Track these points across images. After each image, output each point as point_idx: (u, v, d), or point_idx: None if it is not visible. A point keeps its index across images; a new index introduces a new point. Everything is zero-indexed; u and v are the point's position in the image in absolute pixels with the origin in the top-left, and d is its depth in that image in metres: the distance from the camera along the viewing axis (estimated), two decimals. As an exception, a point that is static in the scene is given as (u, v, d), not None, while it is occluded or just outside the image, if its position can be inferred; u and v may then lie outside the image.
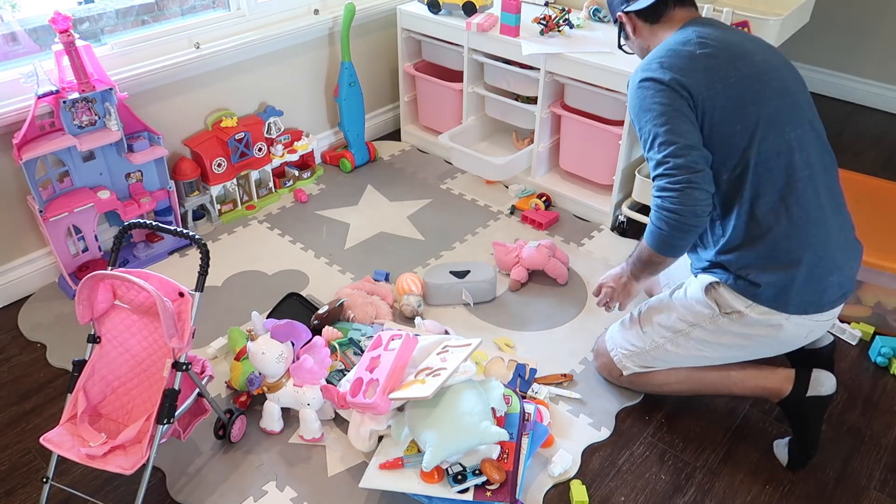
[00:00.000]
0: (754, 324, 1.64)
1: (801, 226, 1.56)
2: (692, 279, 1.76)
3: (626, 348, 1.87)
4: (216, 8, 2.65)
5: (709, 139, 1.56)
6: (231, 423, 1.79)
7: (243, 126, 2.63)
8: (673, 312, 1.76)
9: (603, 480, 1.75)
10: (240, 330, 2.08)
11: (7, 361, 2.09)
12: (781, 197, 1.55)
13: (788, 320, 1.61)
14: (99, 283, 1.56)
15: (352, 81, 2.90)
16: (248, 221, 2.72)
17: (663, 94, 1.56)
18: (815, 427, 1.73)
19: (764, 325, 1.64)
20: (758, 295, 1.60)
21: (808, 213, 1.56)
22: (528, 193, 2.85)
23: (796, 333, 1.66)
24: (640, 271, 1.75)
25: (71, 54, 2.04)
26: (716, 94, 1.55)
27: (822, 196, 1.58)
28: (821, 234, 1.58)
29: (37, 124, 2.10)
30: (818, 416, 1.73)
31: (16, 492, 1.72)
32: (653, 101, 1.57)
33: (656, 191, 1.57)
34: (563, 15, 2.63)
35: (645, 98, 1.59)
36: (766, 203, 1.56)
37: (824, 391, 1.70)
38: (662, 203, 1.55)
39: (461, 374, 1.66)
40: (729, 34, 1.63)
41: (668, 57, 1.59)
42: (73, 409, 1.56)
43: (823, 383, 1.71)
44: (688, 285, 1.77)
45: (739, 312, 1.64)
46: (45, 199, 2.18)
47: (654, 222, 1.60)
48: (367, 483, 1.63)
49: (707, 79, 1.55)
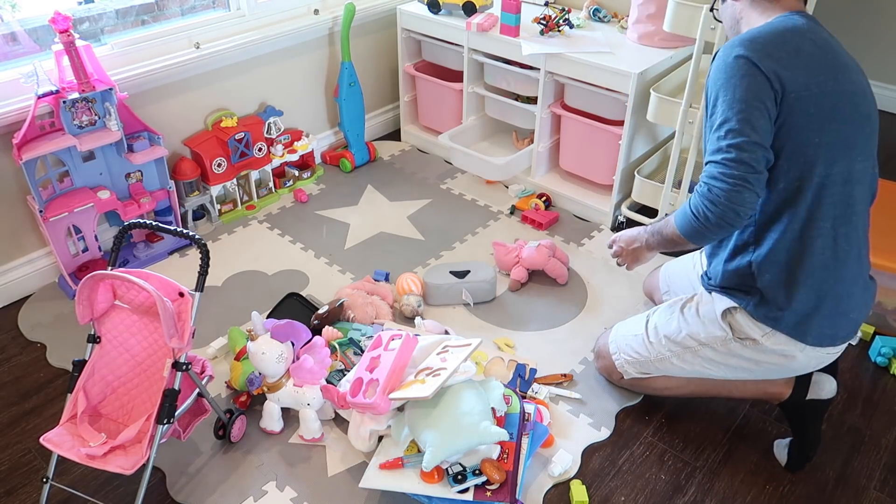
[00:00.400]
0: (767, 352, 1.60)
1: (843, 261, 1.51)
2: (704, 295, 1.70)
3: (630, 355, 1.85)
4: (216, 8, 2.65)
5: (783, 142, 1.44)
6: (231, 423, 1.79)
7: (243, 126, 2.63)
8: (683, 329, 1.71)
9: (603, 480, 1.75)
10: (240, 330, 2.08)
11: (7, 361, 2.09)
12: (834, 226, 1.48)
13: (803, 352, 1.57)
14: (99, 283, 1.56)
15: (352, 81, 2.90)
16: (248, 221, 2.72)
17: (755, 80, 1.42)
18: (815, 430, 1.73)
19: (777, 355, 1.60)
20: (779, 321, 1.55)
21: (851, 249, 1.51)
22: (528, 193, 2.85)
23: (807, 364, 1.63)
24: (656, 244, 1.71)
25: (71, 54, 2.04)
26: (809, 96, 1.43)
27: (863, 233, 1.54)
28: (853, 271, 1.54)
29: (37, 124, 2.10)
30: (818, 419, 1.73)
31: (16, 492, 1.72)
32: (740, 83, 1.42)
33: (707, 177, 1.45)
34: (563, 15, 2.63)
35: (733, 76, 1.44)
36: (819, 228, 1.48)
37: (824, 395, 1.70)
38: (709, 193, 1.44)
39: (461, 374, 1.66)
40: (833, 40, 1.50)
41: (773, 42, 1.44)
42: (73, 409, 1.56)
43: (823, 387, 1.70)
44: (700, 301, 1.71)
45: (754, 340, 1.59)
46: (45, 199, 2.18)
47: (692, 208, 1.49)
48: (367, 483, 1.63)
49: (806, 79, 1.43)
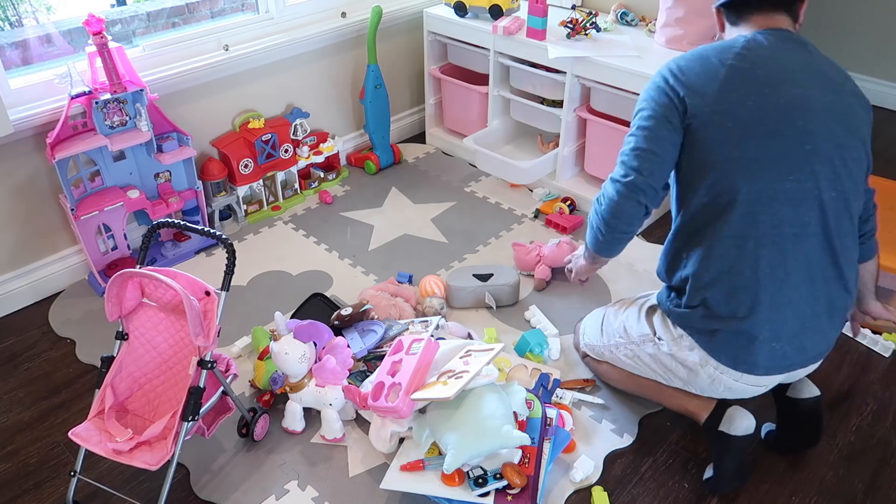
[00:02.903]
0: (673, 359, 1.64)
1: (764, 284, 1.45)
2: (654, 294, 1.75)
3: (589, 338, 1.95)
4: (245, 11, 2.68)
5: (703, 155, 1.46)
6: (254, 422, 1.80)
7: (270, 128, 2.65)
8: (629, 322, 1.77)
9: (625, 487, 1.73)
10: (263, 329, 2.10)
11: (38, 356, 2.14)
12: (756, 247, 1.44)
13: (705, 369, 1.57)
14: (128, 281, 1.59)
15: (378, 84, 2.91)
16: (273, 222, 2.75)
17: (660, 95, 1.51)
18: (729, 463, 1.65)
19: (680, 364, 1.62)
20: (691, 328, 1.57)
21: (776, 273, 1.45)
22: (553, 197, 2.83)
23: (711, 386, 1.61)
24: (588, 260, 1.90)
25: (104, 56, 2.08)
26: (723, 112, 1.43)
27: (803, 261, 1.45)
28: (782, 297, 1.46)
29: (70, 124, 2.15)
30: (730, 453, 1.64)
31: (44, 484, 1.75)
32: (649, 97, 1.54)
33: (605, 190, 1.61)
34: (590, 18, 2.62)
35: (648, 89, 1.56)
36: (740, 247, 1.45)
37: (734, 431, 1.60)
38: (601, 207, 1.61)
39: (483, 378, 1.65)
40: (785, 55, 1.45)
41: (692, 61, 1.50)
42: (101, 405, 1.59)
43: (735, 422, 1.61)
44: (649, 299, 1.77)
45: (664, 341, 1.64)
46: (76, 198, 2.22)
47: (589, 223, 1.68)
48: (387, 484, 1.63)
49: (720, 95, 1.43)
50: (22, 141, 2.15)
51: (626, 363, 1.81)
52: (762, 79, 1.43)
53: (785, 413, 1.77)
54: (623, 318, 1.79)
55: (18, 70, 2.19)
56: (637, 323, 1.74)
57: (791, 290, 1.47)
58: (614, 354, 1.83)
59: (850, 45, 3.55)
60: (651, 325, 1.69)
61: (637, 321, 1.74)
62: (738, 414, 1.62)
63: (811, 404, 1.70)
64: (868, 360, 2.09)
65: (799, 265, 1.45)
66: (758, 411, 1.87)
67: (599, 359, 1.92)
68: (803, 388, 1.70)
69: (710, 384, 1.61)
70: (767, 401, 1.88)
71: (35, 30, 2.24)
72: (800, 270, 1.46)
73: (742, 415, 1.62)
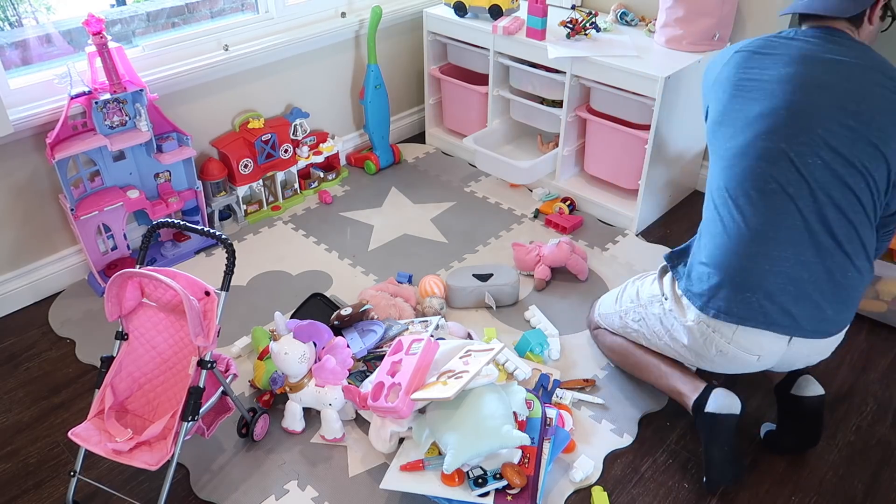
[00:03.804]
0: (670, 315, 1.72)
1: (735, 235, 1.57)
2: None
3: (604, 308, 2.00)
4: (245, 11, 2.68)
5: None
6: (254, 422, 1.80)
7: (270, 128, 2.65)
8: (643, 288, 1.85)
9: (625, 487, 1.73)
10: (263, 329, 2.10)
11: (37, 356, 2.13)
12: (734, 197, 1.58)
13: (697, 324, 1.64)
14: (127, 281, 1.59)
15: (377, 84, 2.91)
16: (273, 222, 2.75)
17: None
18: (717, 450, 1.65)
19: (675, 320, 1.70)
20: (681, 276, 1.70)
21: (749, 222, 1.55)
22: (553, 197, 2.83)
23: (695, 344, 1.67)
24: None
25: (103, 56, 2.08)
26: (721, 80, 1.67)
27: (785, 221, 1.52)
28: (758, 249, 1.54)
29: (69, 124, 2.15)
30: (718, 437, 1.65)
31: (44, 484, 1.75)
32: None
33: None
34: (590, 18, 2.62)
35: None
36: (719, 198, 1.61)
37: (719, 409, 1.64)
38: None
39: (483, 378, 1.65)
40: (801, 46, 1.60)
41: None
42: (101, 405, 1.59)
43: (719, 401, 1.65)
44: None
45: (667, 298, 1.74)
46: (76, 198, 2.22)
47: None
48: (387, 484, 1.63)
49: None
50: (22, 141, 2.15)
51: (633, 330, 1.86)
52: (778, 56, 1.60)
53: (787, 411, 1.78)
54: (639, 284, 1.88)
55: (18, 70, 2.19)
56: (651, 286, 1.82)
57: (769, 246, 1.53)
58: (624, 321, 1.89)
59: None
60: (661, 286, 1.78)
61: (651, 284, 1.83)
62: (722, 393, 1.67)
63: (815, 403, 1.72)
64: (868, 360, 2.09)
65: (779, 223, 1.52)
66: (758, 410, 1.89)
67: (610, 328, 1.96)
68: (808, 386, 1.72)
69: (703, 344, 1.66)
70: (768, 400, 1.89)
71: (35, 30, 2.24)
72: (781, 230, 1.52)
73: (725, 394, 1.67)
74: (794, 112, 1.53)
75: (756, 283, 1.55)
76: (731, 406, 1.65)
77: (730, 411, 1.64)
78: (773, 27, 2.46)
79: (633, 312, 1.85)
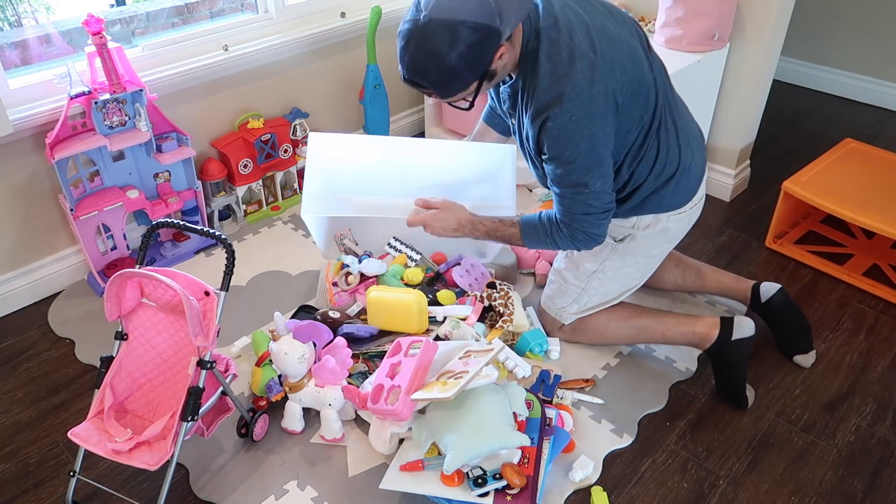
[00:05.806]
0: (645, 238, 1.88)
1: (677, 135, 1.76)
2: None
3: (559, 299, 2.04)
4: (244, 11, 2.68)
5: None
6: (254, 422, 1.80)
7: (269, 128, 2.65)
8: (582, 261, 1.95)
9: (624, 487, 1.73)
10: (263, 334, 2.08)
11: (37, 357, 2.13)
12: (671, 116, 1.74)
13: (669, 220, 1.85)
14: (127, 281, 1.59)
15: (377, 84, 2.91)
16: (272, 222, 2.75)
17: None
18: (742, 372, 1.89)
19: (653, 235, 1.87)
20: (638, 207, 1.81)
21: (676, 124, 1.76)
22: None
23: (681, 227, 1.90)
24: (486, 237, 1.92)
25: (103, 56, 2.08)
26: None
27: (676, 106, 1.78)
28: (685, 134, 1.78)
29: (69, 124, 2.15)
30: (742, 360, 1.88)
31: (44, 484, 1.75)
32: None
33: (589, 221, 1.72)
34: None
35: None
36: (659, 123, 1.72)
37: (747, 333, 1.86)
38: (580, 238, 1.75)
39: (483, 378, 1.65)
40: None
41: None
42: (101, 405, 1.59)
43: (745, 326, 1.87)
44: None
45: (630, 235, 1.87)
46: (75, 198, 2.22)
47: (552, 235, 1.78)
48: (387, 484, 1.63)
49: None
50: (21, 141, 2.14)
51: (600, 297, 1.98)
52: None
53: (771, 317, 2.07)
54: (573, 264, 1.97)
55: (18, 70, 2.19)
56: (590, 254, 1.92)
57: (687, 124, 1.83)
58: (589, 298, 1.98)
59: (852, 46, 3.55)
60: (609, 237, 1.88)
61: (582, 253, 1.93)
62: (743, 320, 1.88)
63: (781, 296, 2.03)
64: (868, 360, 2.09)
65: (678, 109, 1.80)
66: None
67: (579, 314, 2.02)
68: (768, 290, 2.04)
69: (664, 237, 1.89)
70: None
71: (34, 30, 2.24)
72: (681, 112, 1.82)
73: (746, 319, 1.88)
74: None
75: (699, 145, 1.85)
76: (751, 327, 1.86)
77: (752, 332, 1.86)
78: (772, 27, 2.46)
79: (593, 279, 1.95)
